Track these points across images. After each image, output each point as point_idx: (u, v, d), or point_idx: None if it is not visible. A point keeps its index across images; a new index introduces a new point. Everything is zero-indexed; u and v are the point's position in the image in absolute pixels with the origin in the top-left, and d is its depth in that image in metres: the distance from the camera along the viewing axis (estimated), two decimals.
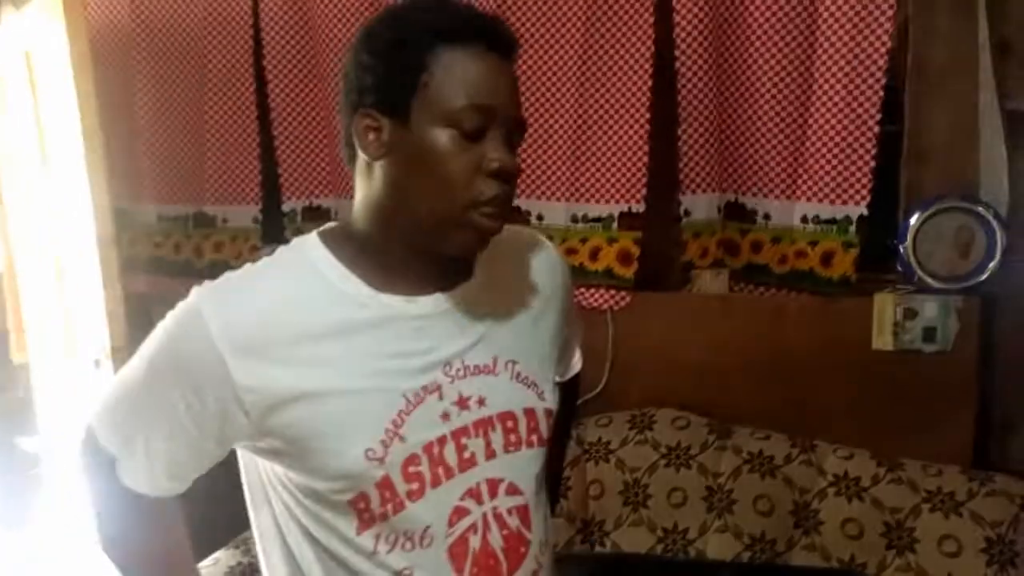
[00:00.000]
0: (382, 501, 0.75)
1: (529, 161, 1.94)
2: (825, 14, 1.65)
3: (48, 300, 2.44)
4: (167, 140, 2.34)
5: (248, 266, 0.78)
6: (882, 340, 1.65)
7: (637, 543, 1.63)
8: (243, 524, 0.89)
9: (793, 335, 1.74)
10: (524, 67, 1.89)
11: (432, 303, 0.78)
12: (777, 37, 1.72)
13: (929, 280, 1.62)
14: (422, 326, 0.77)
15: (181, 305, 0.75)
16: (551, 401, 0.86)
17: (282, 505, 0.80)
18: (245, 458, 0.83)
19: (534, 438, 0.83)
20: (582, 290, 1.90)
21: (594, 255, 1.91)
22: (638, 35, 1.81)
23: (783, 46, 1.72)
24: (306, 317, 0.74)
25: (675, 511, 1.64)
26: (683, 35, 1.76)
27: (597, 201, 1.90)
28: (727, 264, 1.90)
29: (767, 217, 1.83)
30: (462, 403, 0.78)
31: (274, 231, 2.24)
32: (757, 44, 1.74)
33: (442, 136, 0.71)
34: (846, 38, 1.63)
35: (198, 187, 2.33)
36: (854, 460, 1.61)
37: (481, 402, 0.79)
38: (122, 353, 1.94)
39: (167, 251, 2.44)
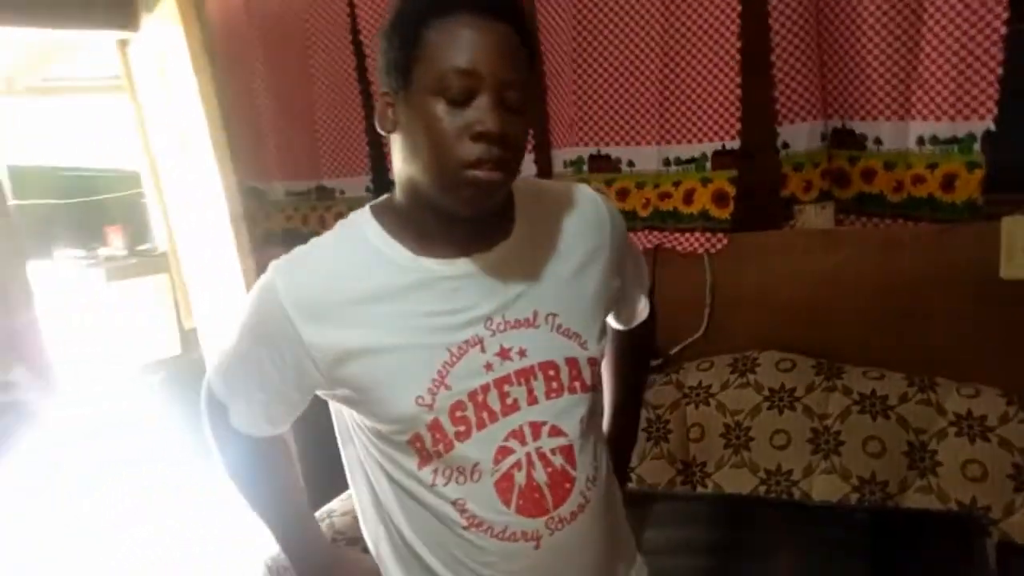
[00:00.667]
0: (434, 441, 0.83)
1: (616, 107, 1.91)
2: None
3: (202, 273, 2.75)
4: (285, 122, 2.53)
5: (314, 240, 0.88)
6: (1012, 268, 1.49)
7: (739, 484, 1.62)
8: None
9: (908, 267, 1.61)
10: (607, 9, 1.86)
11: (469, 264, 0.83)
12: None
13: None
14: (460, 286, 0.83)
15: (262, 278, 0.86)
16: (594, 350, 0.89)
17: (361, 444, 0.91)
18: (332, 404, 0.94)
19: (577, 384, 0.88)
20: (676, 235, 1.87)
21: (688, 198, 1.86)
22: None
23: None
24: (358, 283, 0.82)
25: (778, 453, 1.60)
26: None
27: (689, 141, 1.84)
28: (836, 196, 1.78)
29: (878, 142, 1.68)
30: (504, 354, 0.84)
31: None
32: None
33: (433, 104, 0.75)
34: None
35: (316, 163, 2.51)
36: (980, 398, 1.49)
37: (522, 353, 0.85)
38: None
39: (296, 223, 2.66)
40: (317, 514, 1.62)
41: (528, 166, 2.12)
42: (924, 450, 1.50)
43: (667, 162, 1.89)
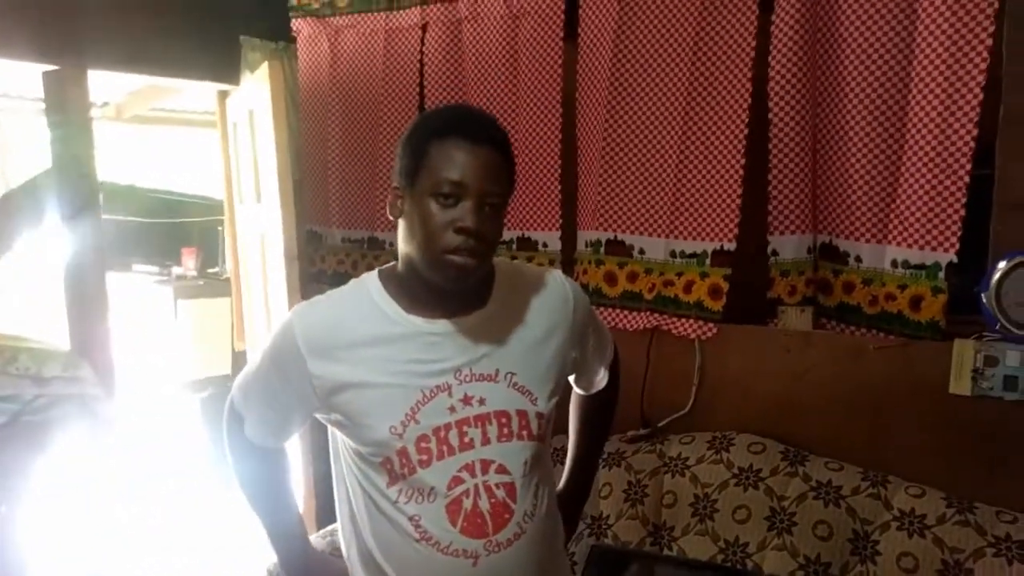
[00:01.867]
0: (401, 465, 1.03)
1: (635, 201, 2.17)
2: (918, 66, 1.72)
3: (255, 302, 3.07)
4: (350, 177, 2.86)
5: (330, 291, 1.11)
6: (960, 385, 1.67)
7: (701, 550, 1.79)
8: None
9: (873, 374, 1.80)
10: (634, 120, 2.14)
11: (448, 325, 1.05)
12: (870, 89, 1.81)
13: (1013, 329, 1.62)
14: (438, 341, 1.04)
15: (283, 317, 1.09)
16: (544, 407, 1.09)
17: (346, 463, 1.12)
18: (329, 428, 1.15)
19: (524, 433, 1.07)
20: (674, 320, 2.09)
21: (688, 288, 2.09)
22: (735, 86, 1.98)
23: (875, 96, 1.81)
24: (357, 330, 1.04)
25: (738, 526, 1.77)
26: (777, 89, 1.90)
27: (694, 238, 2.08)
28: (820, 302, 1.99)
29: (859, 260, 1.90)
30: (466, 401, 1.04)
31: None
32: (850, 95, 1.84)
33: (428, 202, 0.98)
34: (938, 91, 1.69)
35: (371, 216, 2.83)
36: (924, 498, 1.65)
37: (482, 401, 1.04)
38: None
39: (347, 267, 2.96)
40: (324, 531, 1.84)
41: (554, 242, 2.39)
42: (867, 539, 1.65)
43: (673, 254, 2.13)
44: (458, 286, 1.02)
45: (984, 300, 1.65)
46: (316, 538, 1.79)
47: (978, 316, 1.72)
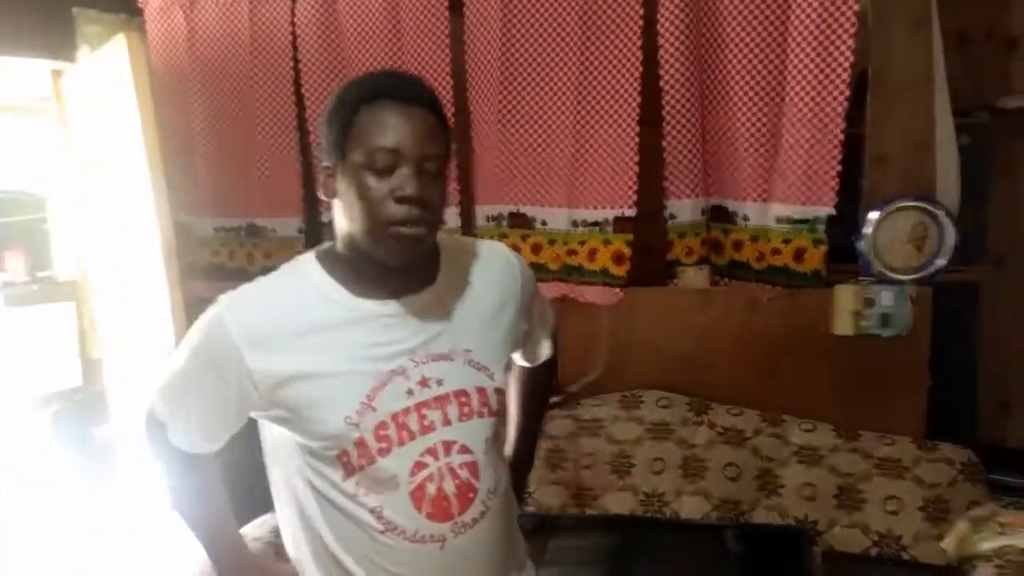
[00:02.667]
0: (359, 456, 0.96)
1: (534, 172, 2.19)
2: (795, 33, 1.85)
3: (116, 303, 2.78)
4: (220, 160, 2.66)
5: (260, 279, 1.02)
6: (842, 326, 1.84)
7: (622, 506, 1.86)
8: None
9: (765, 323, 1.94)
10: (527, 92, 2.15)
11: (398, 306, 0.99)
12: (752, 56, 1.93)
13: (886, 272, 1.81)
14: (390, 323, 0.98)
15: (211, 309, 0.99)
16: (500, 381, 1.07)
17: (290, 461, 1.04)
18: (263, 426, 1.07)
19: (484, 410, 1.04)
20: (582, 288, 2.14)
21: (592, 256, 2.14)
22: (627, 63, 2.04)
23: (758, 65, 1.93)
24: (300, 317, 0.96)
25: (655, 478, 1.85)
26: (667, 57, 1.99)
27: (594, 207, 2.13)
28: (713, 261, 2.11)
29: (746, 219, 2.03)
30: (424, 383, 0.98)
31: (315, 239, 2.54)
32: (734, 63, 1.95)
33: (363, 174, 0.92)
34: (813, 55, 1.83)
35: (249, 202, 2.65)
36: (816, 432, 1.81)
37: (440, 382, 0.99)
38: None
39: (223, 258, 2.76)
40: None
41: (453, 219, 2.36)
42: (771, 475, 1.79)
43: (575, 223, 2.17)
44: (407, 260, 0.96)
45: (861, 247, 1.82)
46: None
47: (854, 264, 1.90)
